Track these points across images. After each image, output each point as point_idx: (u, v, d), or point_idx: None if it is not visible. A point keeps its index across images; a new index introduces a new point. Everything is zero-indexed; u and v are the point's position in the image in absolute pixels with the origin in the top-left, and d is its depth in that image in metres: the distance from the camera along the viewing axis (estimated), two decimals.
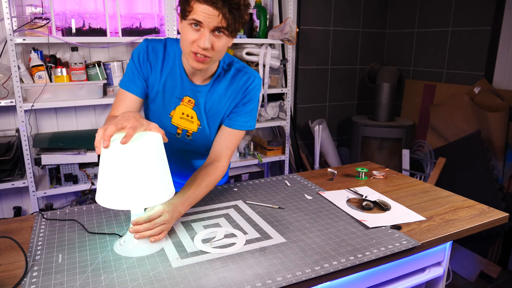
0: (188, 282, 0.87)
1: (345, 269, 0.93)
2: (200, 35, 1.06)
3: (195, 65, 1.11)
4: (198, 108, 1.25)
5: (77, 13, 2.14)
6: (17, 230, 1.11)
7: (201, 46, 1.06)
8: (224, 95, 1.25)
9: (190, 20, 1.05)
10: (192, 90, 1.23)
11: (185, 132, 1.29)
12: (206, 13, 1.02)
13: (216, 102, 1.26)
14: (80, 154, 2.12)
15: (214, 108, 1.26)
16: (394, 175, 1.59)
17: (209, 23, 1.04)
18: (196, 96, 1.24)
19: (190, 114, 1.26)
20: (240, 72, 1.26)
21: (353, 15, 3.30)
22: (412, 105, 3.33)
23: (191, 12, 1.04)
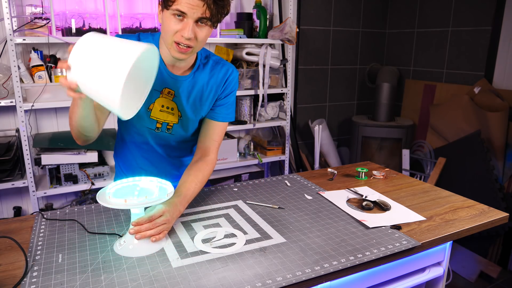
0: (188, 282, 0.87)
1: (345, 269, 0.93)
2: (184, 26, 1.05)
3: (177, 55, 1.10)
4: (178, 99, 1.23)
5: (77, 13, 2.14)
6: (17, 230, 1.11)
7: (185, 36, 1.05)
8: (206, 87, 1.25)
9: (174, 10, 1.04)
10: (172, 81, 1.22)
11: (165, 125, 1.27)
12: (191, 4, 1.02)
13: (198, 93, 1.25)
14: (80, 154, 2.12)
15: (197, 99, 1.25)
16: (394, 175, 1.59)
17: (193, 14, 1.04)
18: (177, 87, 1.22)
19: (171, 106, 1.24)
20: (218, 64, 1.27)
21: (353, 15, 3.30)
22: (412, 105, 3.33)
23: (175, 3, 1.03)
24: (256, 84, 2.64)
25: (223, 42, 2.53)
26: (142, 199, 0.97)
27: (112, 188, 1.04)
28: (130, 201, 0.96)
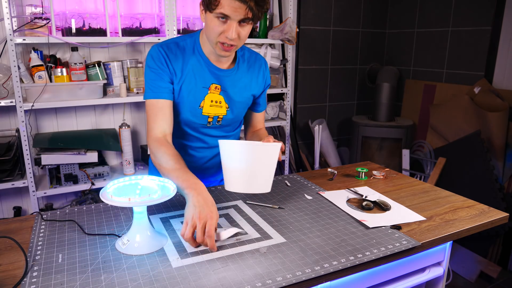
0: (188, 282, 0.87)
1: (345, 269, 0.93)
2: (228, 27, 1.11)
3: (223, 53, 1.18)
4: (225, 92, 1.31)
5: (77, 13, 2.14)
6: (17, 230, 1.11)
7: (230, 37, 1.12)
8: (247, 73, 1.35)
9: (217, 13, 1.09)
10: (218, 75, 1.29)
11: (216, 118, 1.34)
12: (233, 7, 1.07)
13: (241, 83, 1.34)
14: (80, 154, 2.12)
15: (241, 89, 1.34)
16: (394, 175, 1.59)
17: (236, 16, 1.09)
18: (223, 81, 1.30)
19: (219, 100, 1.31)
20: (252, 55, 1.38)
21: (353, 15, 3.30)
22: (412, 105, 3.33)
23: (218, 6, 1.08)
24: None
25: None
26: (145, 197, 0.97)
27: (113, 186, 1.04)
28: (133, 199, 0.96)
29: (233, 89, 1.32)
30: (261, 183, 1.13)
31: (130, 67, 2.36)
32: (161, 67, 1.22)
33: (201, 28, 1.28)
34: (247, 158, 1.10)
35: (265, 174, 1.14)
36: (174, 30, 2.27)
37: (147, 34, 2.26)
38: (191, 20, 2.43)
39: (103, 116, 2.48)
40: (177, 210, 1.23)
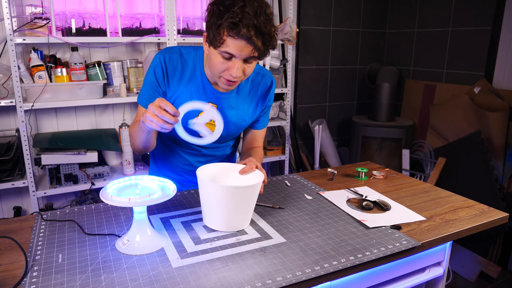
0: (188, 282, 0.87)
1: (345, 269, 0.93)
2: (232, 65, 1.08)
3: (225, 87, 1.16)
4: (221, 111, 1.26)
5: (77, 13, 2.14)
6: (17, 230, 1.11)
7: (234, 75, 1.09)
8: (247, 98, 1.32)
9: (222, 51, 1.06)
10: (216, 96, 1.26)
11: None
12: (240, 46, 1.04)
13: (240, 105, 1.31)
14: (80, 154, 2.11)
15: (238, 111, 1.31)
16: (394, 175, 1.59)
17: (242, 55, 1.06)
18: (220, 101, 1.27)
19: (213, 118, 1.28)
20: (258, 75, 1.32)
21: (353, 15, 3.30)
22: (412, 105, 3.33)
23: (223, 45, 1.04)
24: None
25: None
26: (145, 197, 0.97)
27: (113, 186, 1.04)
28: (133, 199, 0.96)
29: (229, 110, 1.29)
30: (239, 221, 1.10)
31: (130, 67, 2.36)
32: (157, 79, 1.23)
33: None
34: (226, 200, 1.05)
35: (244, 213, 1.10)
36: (174, 30, 2.27)
37: (147, 34, 2.26)
38: (191, 20, 2.43)
39: (103, 116, 2.48)
40: (177, 210, 1.23)
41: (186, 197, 1.34)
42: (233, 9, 1.00)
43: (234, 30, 1.01)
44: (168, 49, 1.25)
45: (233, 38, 1.02)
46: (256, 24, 1.01)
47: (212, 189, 1.06)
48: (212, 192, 1.06)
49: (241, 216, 1.10)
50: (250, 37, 1.01)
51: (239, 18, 1.00)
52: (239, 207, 1.08)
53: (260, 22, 1.01)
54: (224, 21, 1.01)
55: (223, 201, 1.05)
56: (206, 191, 1.08)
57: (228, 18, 1.00)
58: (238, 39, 1.02)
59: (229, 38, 1.03)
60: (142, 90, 1.27)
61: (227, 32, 1.02)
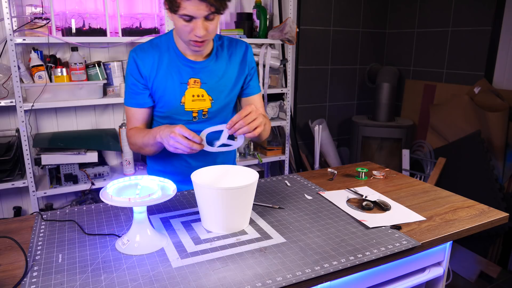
0: (188, 282, 0.87)
1: (345, 269, 0.93)
2: (195, 25, 1.13)
3: (196, 49, 1.21)
4: (205, 84, 1.31)
5: (77, 13, 2.14)
6: (17, 230, 1.11)
7: (198, 35, 1.14)
8: (229, 64, 1.34)
9: (182, 15, 1.12)
10: (195, 68, 1.29)
11: (201, 113, 1.33)
12: (195, 6, 1.09)
13: (220, 72, 1.33)
14: (80, 154, 2.11)
15: (222, 78, 1.33)
16: (394, 175, 1.59)
17: (200, 14, 1.11)
18: (201, 74, 1.30)
19: (200, 93, 1.30)
20: (232, 42, 1.37)
21: (353, 15, 3.30)
22: (412, 105, 3.33)
23: (180, 8, 1.10)
24: None
25: None
26: (145, 197, 0.97)
27: (112, 186, 1.04)
28: (133, 199, 0.96)
29: (212, 79, 1.31)
30: (238, 222, 1.10)
31: None
32: (134, 76, 1.28)
33: None
34: (222, 203, 1.05)
35: (242, 214, 1.10)
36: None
37: (147, 34, 2.26)
38: None
39: (103, 116, 2.48)
40: (177, 210, 1.23)
41: (186, 197, 1.34)
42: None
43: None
44: (138, 45, 1.31)
45: (187, 1, 1.08)
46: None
47: (207, 192, 1.06)
48: (208, 195, 1.06)
49: (239, 217, 1.10)
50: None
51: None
52: (236, 209, 1.08)
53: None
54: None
55: (219, 203, 1.05)
56: (202, 195, 1.08)
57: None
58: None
59: (183, 1, 1.08)
60: (125, 93, 1.33)
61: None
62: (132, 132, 1.33)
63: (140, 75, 1.28)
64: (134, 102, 1.31)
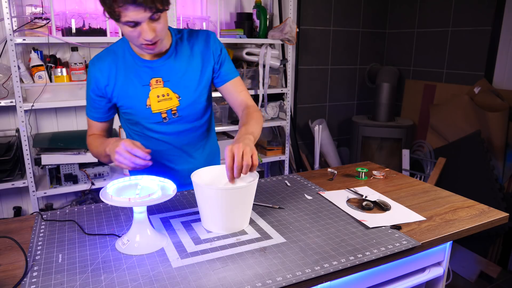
0: (188, 282, 0.87)
1: (345, 269, 0.93)
2: (141, 30, 1.09)
3: (151, 52, 1.17)
4: (169, 82, 1.25)
5: (77, 13, 2.14)
6: (17, 230, 1.11)
7: (147, 39, 1.10)
8: (192, 56, 1.28)
9: (124, 23, 1.07)
10: (153, 68, 1.24)
11: (170, 112, 1.27)
12: (133, 12, 1.04)
13: (184, 67, 1.26)
14: (80, 154, 2.12)
15: (187, 73, 1.27)
16: (394, 175, 1.59)
17: (142, 18, 1.06)
18: (160, 72, 1.24)
19: (165, 92, 1.25)
20: (192, 32, 1.30)
21: (353, 15, 3.30)
22: (412, 105, 3.33)
23: (121, 17, 1.06)
24: (256, 84, 2.64)
25: (223, 42, 2.52)
26: (145, 197, 0.97)
27: (113, 186, 1.04)
28: (133, 199, 0.96)
29: (175, 76, 1.25)
30: (238, 222, 1.10)
31: None
32: (92, 89, 1.27)
33: None
34: (222, 203, 1.05)
35: (242, 214, 1.10)
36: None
37: None
38: (191, 20, 2.43)
39: None
40: (177, 210, 1.23)
41: (186, 197, 1.34)
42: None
43: (118, 3, 1.02)
44: (97, 54, 1.28)
45: (124, 9, 1.03)
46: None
47: (207, 192, 1.05)
48: (208, 195, 1.06)
49: (239, 217, 1.10)
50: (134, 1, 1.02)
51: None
52: (236, 209, 1.07)
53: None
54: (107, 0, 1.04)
55: (219, 204, 1.05)
56: (202, 195, 1.07)
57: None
58: (126, 6, 1.03)
59: (121, 9, 1.04)
60: (86, 102, 1.32)
61: (116, 6, 1.03)
62: (89, 140, 1.33)
63: (97, 87, 1.25)
64: (92, 115, 1.32)
